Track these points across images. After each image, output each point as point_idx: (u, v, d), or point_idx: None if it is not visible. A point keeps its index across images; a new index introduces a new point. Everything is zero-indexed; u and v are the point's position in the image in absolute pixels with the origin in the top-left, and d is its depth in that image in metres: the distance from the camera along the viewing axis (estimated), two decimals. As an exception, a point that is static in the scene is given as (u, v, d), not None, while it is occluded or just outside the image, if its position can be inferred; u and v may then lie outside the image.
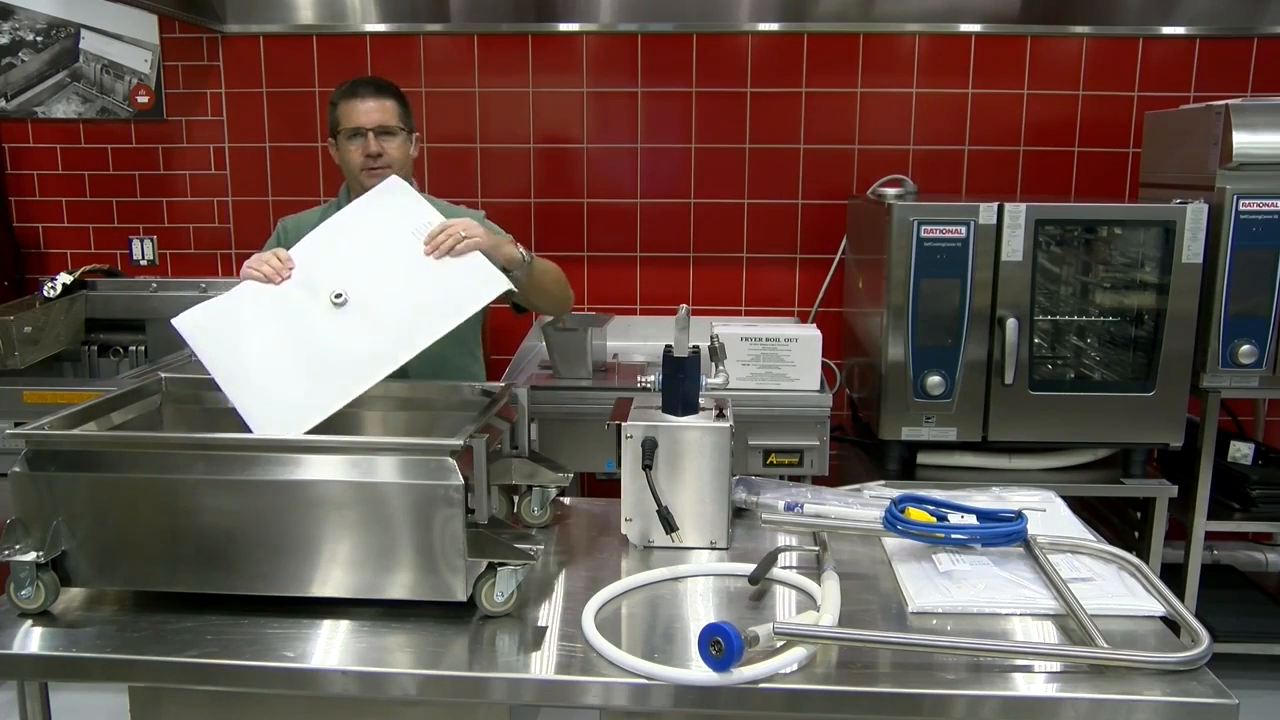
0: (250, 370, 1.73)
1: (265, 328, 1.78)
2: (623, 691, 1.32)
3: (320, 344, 1.74)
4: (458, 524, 1.42)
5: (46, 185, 3.52)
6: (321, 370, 1.70)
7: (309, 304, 1.79)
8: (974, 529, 1.62)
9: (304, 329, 1.76)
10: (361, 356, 1.70)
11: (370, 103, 2.25)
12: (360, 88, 2.28)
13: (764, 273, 3.43)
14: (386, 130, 2.25)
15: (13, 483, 1.47)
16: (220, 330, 1.79)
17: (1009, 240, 2.55)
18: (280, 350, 1.74)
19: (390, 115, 2.27)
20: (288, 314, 1.79)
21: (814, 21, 3.27)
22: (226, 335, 1.78)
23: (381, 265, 1.84)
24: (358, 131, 2.24)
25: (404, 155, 2.29)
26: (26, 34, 3.41)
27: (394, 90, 2.32)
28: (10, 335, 2.90)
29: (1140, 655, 1.32)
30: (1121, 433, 2.67)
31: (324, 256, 1.88)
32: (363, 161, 2.24)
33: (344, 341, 1.74)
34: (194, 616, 1.46)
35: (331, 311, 1.77)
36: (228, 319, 1.80)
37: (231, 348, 1.76)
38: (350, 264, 1.84)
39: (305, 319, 1.77)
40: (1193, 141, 2.76)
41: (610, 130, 3.37)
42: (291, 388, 1.69)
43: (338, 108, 2.29)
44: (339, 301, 1.77)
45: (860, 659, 1.36)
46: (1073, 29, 3.25)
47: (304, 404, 1.64)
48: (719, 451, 1.71)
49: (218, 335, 1.78)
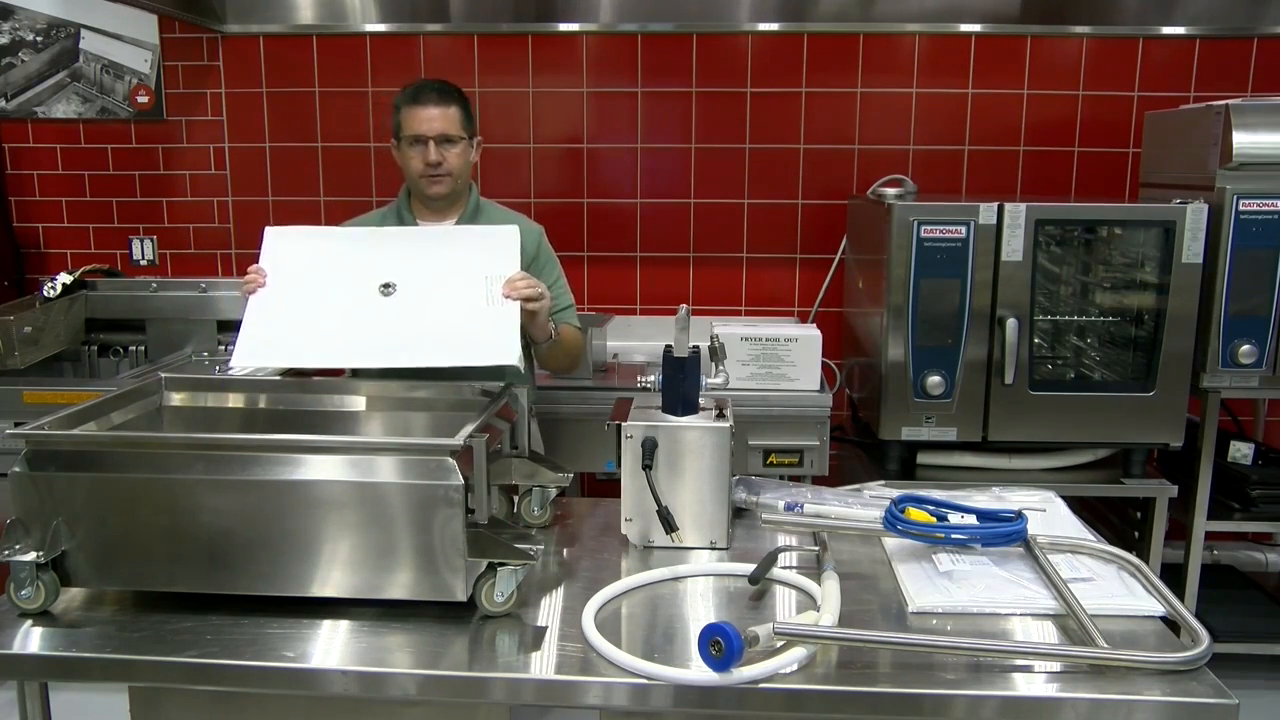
0: (278, 300, 1.95)
1: (318, 275, 1.99)
2: (623, 691, 1.32)
3: (346, 313, 1.93)
4: (458, 524, 1.42)
5: (46, 185, 3.52)
6: (330, 332, 1.90)
7: (364, 278, 1.97)
8: (974, 529, 1.62)
9: (344, 294, 1.96)
10: (368, 341, 1.89)
11: (433, 110, 2.23)
12: (423, 93, 2.25)
13: (764, 273, 3.43)
14: (448, 139, 2.25)
15: (13, 483, 1.47)
16: (289, 254, 2.02)
17: (1009, 240, 2.55)
18: (312, 299, 1.95)
19: (452, 124, 2.25)
20: (341, 275, 1.99)
21: (814, 21, 3.27)
22: (288, 259, 2.00)
23: (441, 284, 1.98)
24: (419, 139, 2.24)
25: (464, 162, 2.29)
26: (26, 34, 3.41)
27: (458, 95, 2.29)
28: (10, 335, 2.90)
29: (1140, 655, 1.32)
30: (1121, 433, 2.67)
31: (407, 251, 2.05)
32: (423, 169, 2.24)
33: (364, 322, 1.92)
34: (194, 616, 1.46)
35: (375, 295, 1.96)
36: (304, 249, 2.04)
37: (282, 272, 1.98)
38: (419, 268, 2.00)
39: (351, 287, 1.97)
40: (1193, 141, 2.76)
41: (610, 130, 3.37)
42: (297, 330, 1.90)
43: (401, 111, 2.27)
44: (386, 291, 1.96)
45: (860, 659, 1.36)
46: (1073, 29, 3.25)
47: (294, 347, 1.89)
48: (719, 451, 1.71)
49: (286, 255, 2.01)
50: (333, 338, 1.90)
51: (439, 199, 2.28)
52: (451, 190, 2.28)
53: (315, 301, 1.95)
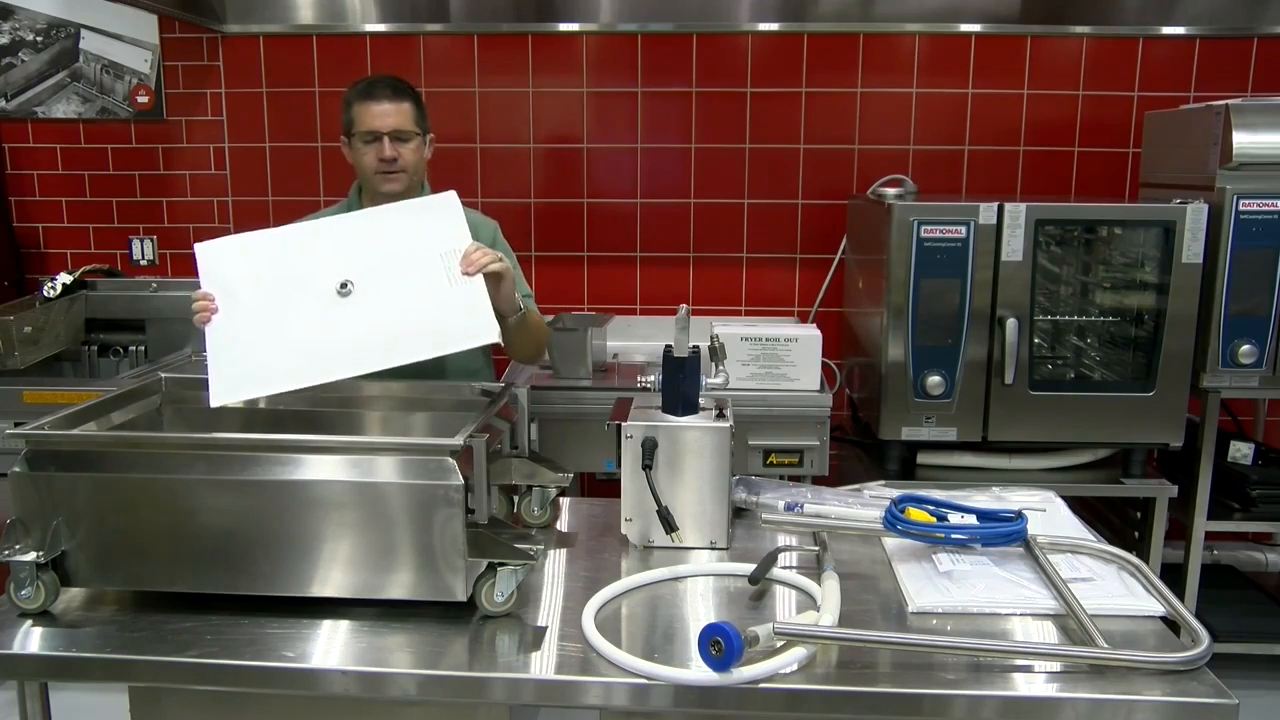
0: (237, 325, 1.80)
1: (269, 286, 1.84)
2: (623, 691, 1.32)
3: (310, 324, 1.79)
4: (458, 524, 1.42)
5: (46, 185, 3.52)
6: (300, 348, 1.76)
7: (317, 281, 1.82)
8: (974, 529, 1.62)
9: (302, 303, 1.81)
10: (341, 349, 1.75)
11: (386, 105, 2.22)
12: (376, 89, 2.24)
13: (764, 273, 3.43)
14: (402, 135, 2.23)
15: (13, 483, 1.47)
16: (231, 271, 1.86)
17: (1009, 240, 2.54)
18: (272, 317, 1.81)
19: (406, 119, 2.24)
20: (294, 283, 1.84)
21: (814, 21, 3.27)
22: (232, 277, 1.85)
23: (398, 273, 1.85)
24: (373, 135, 2.22)
25: (418, 159, 2.28)
26: (26, 34, 3.41)
27: (411, 91, 2.28)
28: (10, 335, 2.90)
29: (1140, 655, 1.32)
30: (1121, 433, 2.67)
31: (352, 242, 1.90)
32: (377, 165, 2.23)
33: (330, 330, 1.78)
34: (194, 616, 1.46)
35: (333, 297, 1.80)
36: (244, 262, 1.88)
37: (230, 293, 1.83)
38: (371, 259, 1.86)
39: (308, 293, 1.82)
40: (1193, 141, 2.76)
41: (610, 130, 3.37)
42: (265, 354, 1.76)
43: (352, 108, 2.25)
44: (344, 291, 1.80)
45: (860, 659, 1.36)
46: (1073, 29, 3.24)
47: (269, 373, 1.73)
48: (719, 451, 1.71)
49: (229, 274, 1.86)
50: (303, 355, 1.75)
51: (393, 196, 2.19)
52: (406, 187, 2.25)
53: (275, 319, 1.80)
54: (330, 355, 1.74)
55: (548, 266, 3.41)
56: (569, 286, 3.44)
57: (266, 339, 1.78)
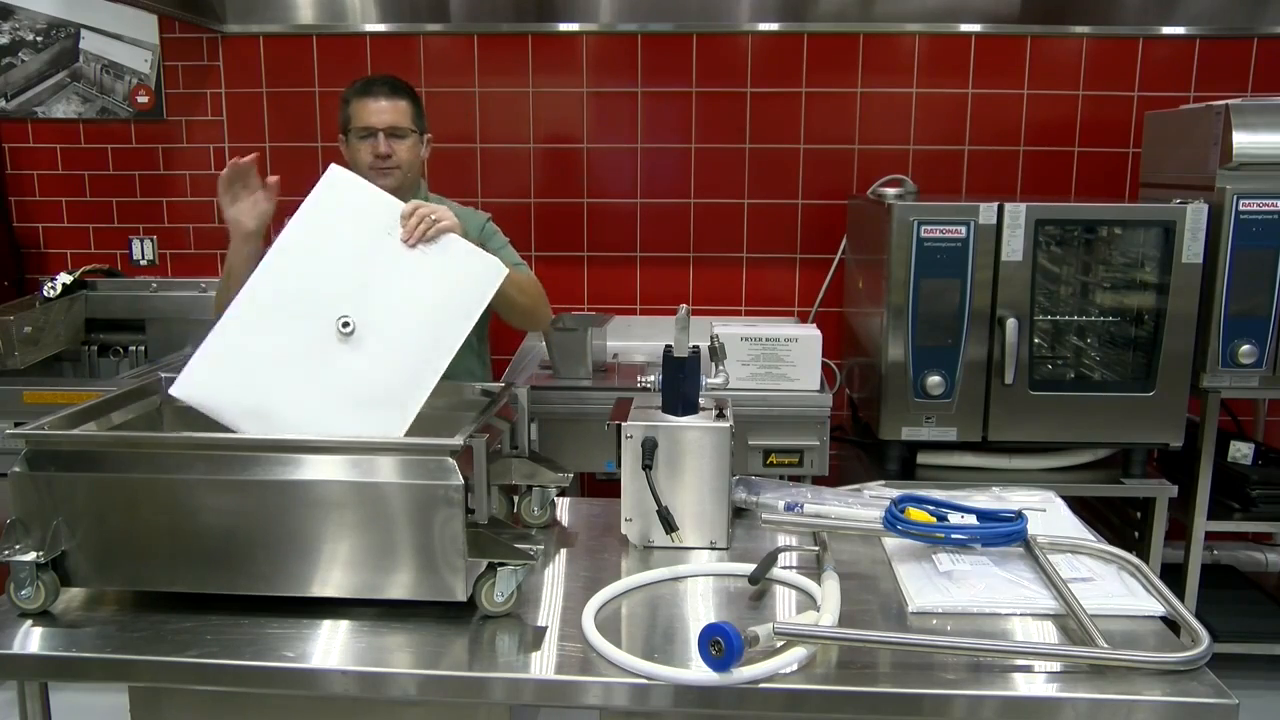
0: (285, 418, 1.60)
1: (279, 372, 1.63)
2: (623, 691, 1.32)
3: (345, 383, 1.62)
4: (458, 524, 1.42)
5: (46, 185, 3.52)
6: (358, 408, 1.59)
7: (314, 337, 1.64)
8: (974, 529, 1.62)
9: (320, 368, 1.62)
10: (394, 386, 1.60)
11: (383, 102, 2.24)
12: (374, 86, 2.26)
13: (764, 273, 3.43)
14: (397, 132, 2.24)
15: (13, 483, 1.47)
16: (230, 383, 1.64)
17: (1009, 240, 2.54)
18: (306, 397, 1.61)
19: (403, 116, 2.26)
20: (297, 353, 1.64)
21: (814, 21, 3.26)
22: (237, 385, 1.63)
23: (372, 277, 1.68)
24: (369, 131, 2.23)
25: (414, 157, 2.29)
26: (26, 34, 3.41)
27: (408, 90, 2.30)
28: (10, 335, 2.90)
29: (1140, 655, 1.32)
30: (1121, 433, 2.67)
31: (307, 275, 1.69)
32: (372, 161, 2.23)
33: (368, 374, 1.62)
34: (194, 616, 1.46)
35: (342, 342, 1.63)
36: (233, 369, 1.64)
37: (250, 400, 1.61)
38: (338, 280, 1.67)
39: (317, 356, 1.63)
40: (1193, 141, 2.76)
41: (610, 130, 3.37)
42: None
43: (350, 105, 2.27)
44: (346, 331, 1.63)
45: (860, 659, 1.36)
46: (1073, 29, 3.24)
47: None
48: (719, 451, 1.71)
49: (230, 389, 1.63)
50: (370, 415, 1.58)
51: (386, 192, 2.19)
52: (399, 184, 2.25)
53: (313, 405, 1.61)
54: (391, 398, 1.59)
55: (548, 266, 3.41)
56: (569, 286, 3.44)
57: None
